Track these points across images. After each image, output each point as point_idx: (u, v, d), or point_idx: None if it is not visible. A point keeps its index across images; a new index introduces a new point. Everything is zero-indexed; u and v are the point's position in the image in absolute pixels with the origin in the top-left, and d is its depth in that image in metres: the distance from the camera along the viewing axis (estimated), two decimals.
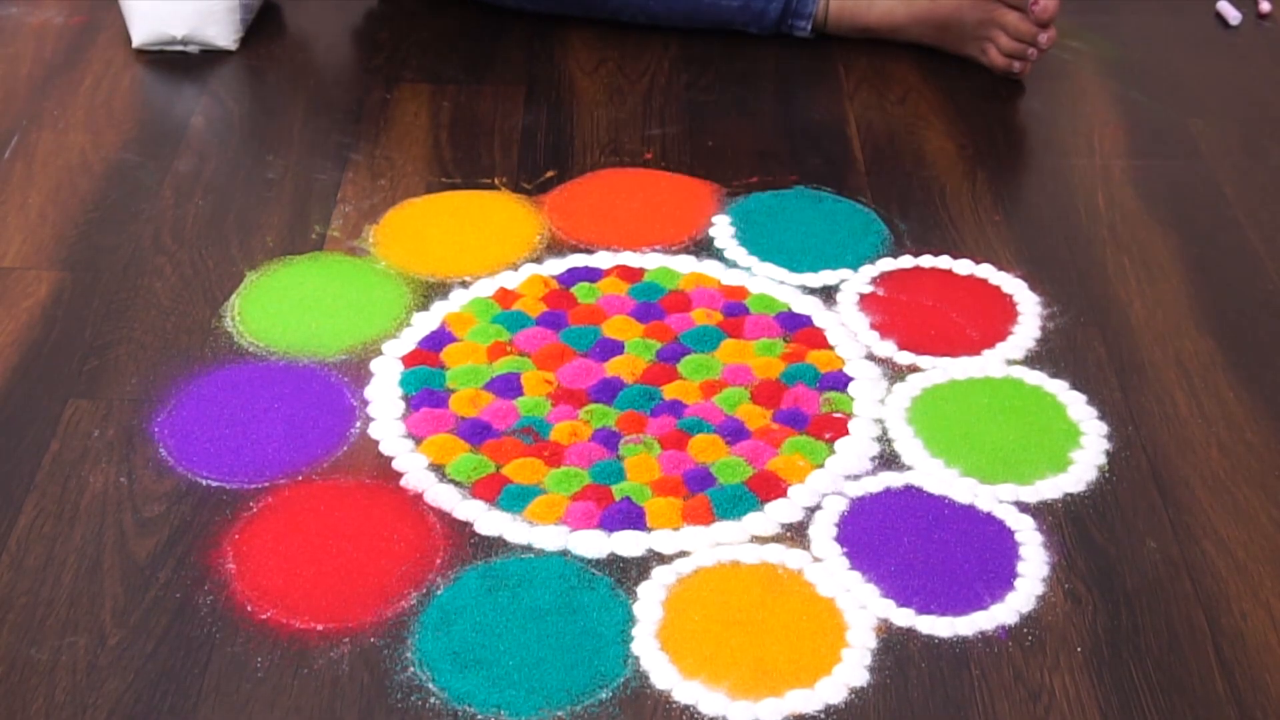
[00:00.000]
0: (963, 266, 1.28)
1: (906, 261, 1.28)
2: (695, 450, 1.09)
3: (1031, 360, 1.18)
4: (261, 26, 1.61)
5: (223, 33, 1.55)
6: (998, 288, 1.25)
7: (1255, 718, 0.91)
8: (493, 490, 1.05)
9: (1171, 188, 1.39)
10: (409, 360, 1.17)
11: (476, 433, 1.10)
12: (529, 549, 1.01)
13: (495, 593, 0.98)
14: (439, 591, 0.98)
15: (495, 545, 1.01)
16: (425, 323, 1.20)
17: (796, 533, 1.03)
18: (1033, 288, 1.25)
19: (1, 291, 1.23)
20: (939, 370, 1.16)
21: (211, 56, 1.56)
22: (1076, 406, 1.13)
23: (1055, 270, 1.28)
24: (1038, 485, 1.06)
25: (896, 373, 1.17)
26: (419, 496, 1.05)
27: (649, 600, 0.97)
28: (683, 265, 1.27)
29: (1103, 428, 1.11)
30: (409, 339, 1.19)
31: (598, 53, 1.58)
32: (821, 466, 1.08)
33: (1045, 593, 0.99)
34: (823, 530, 1.03)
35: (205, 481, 1.06)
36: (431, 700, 0.91)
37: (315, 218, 1.32)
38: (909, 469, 1.08)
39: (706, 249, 1.29)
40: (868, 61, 1.56)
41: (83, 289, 1.23)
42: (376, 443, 1.09)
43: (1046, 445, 1.10)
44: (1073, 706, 0.91)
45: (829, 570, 1.00)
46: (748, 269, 1.27)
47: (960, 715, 0.91)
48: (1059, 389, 1.15)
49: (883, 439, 1.10)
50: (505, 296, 1.23)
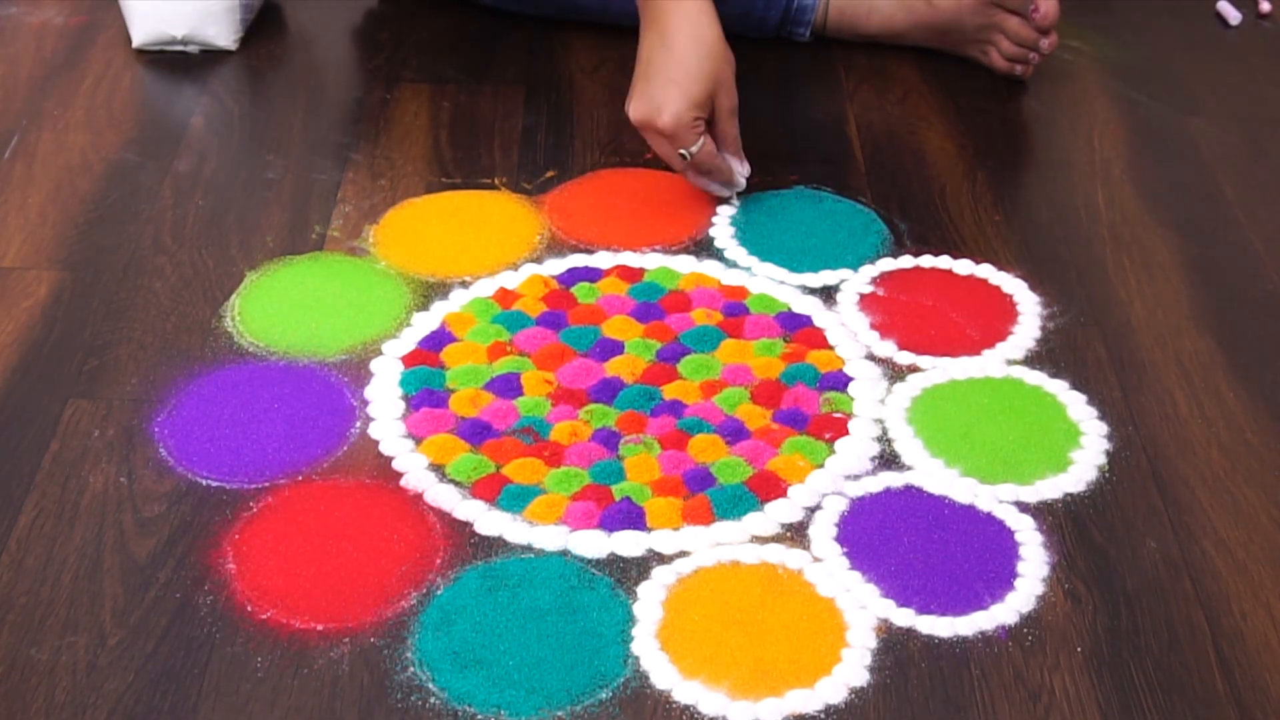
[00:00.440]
0: (963, 266, 1.28)
1: (906, 261, 1.28)
2: (695, 450, 1.09)
3: (1031, 360, 1.18)
4: (262, 26, 1.61)
5: (223, 33, 1.55)
6: (998, 288, 1.25)
7: (1255, 718, 0.91)
8: (493, 490, 1.05)
9: (1171, 188, 1.39)
10: (409, 360, 1.17)
11: (476, 433, 1.10)
12: (529, 549, 1.01)
13: (495, 593, 0.98)
14: (439, 591, 0.98)
15: (495, 545, 1.01)
16: (425, 323, 1.20)
17: (796, 533, 1.03)
18: (1033, 288, 1.25)
19: (1, 291, 1.23)
20: (939, 370, 1.16)
21: (212, 56, 1.56)
22: (1076, 406, 1.13)
23: (1055, 270, 1.28)
24: (1038, 485, 1.06)
25: (896, 373, 1.17)
26: (419, 496, 1.05)
27: (649, 600, 0.97)
28: (683, 265, 1.27)
29: (1103, 428, 1.11)
30: (409, 339, 1.19)
31: (598, 53, 1.58)
32: (821, 466, 1.08)
33: (1045, 593, 0.99)
34: (823, 530, 1.03)
35: (205, 481, 1.06)
36: (431, 700, 0.91)
37: (315, 218, 1.32)
38: (909, 469, 1.08)
39: (706, 249, 1.29)
40: (868, 61, 1.56)
41: (83, 289, 1.23)
42: (376, 443, 1.09)
43: (1046, 445, 1.10)
44: (1073, 706, 0.91)
45: (829, 570, 1.00)
46: (748, 269, 1.27)
47: (960, 715, 0.91)
48: (1059, 389, 1.15)
49: (883, 439, 1.10)
50: (505, 296, 1.23)
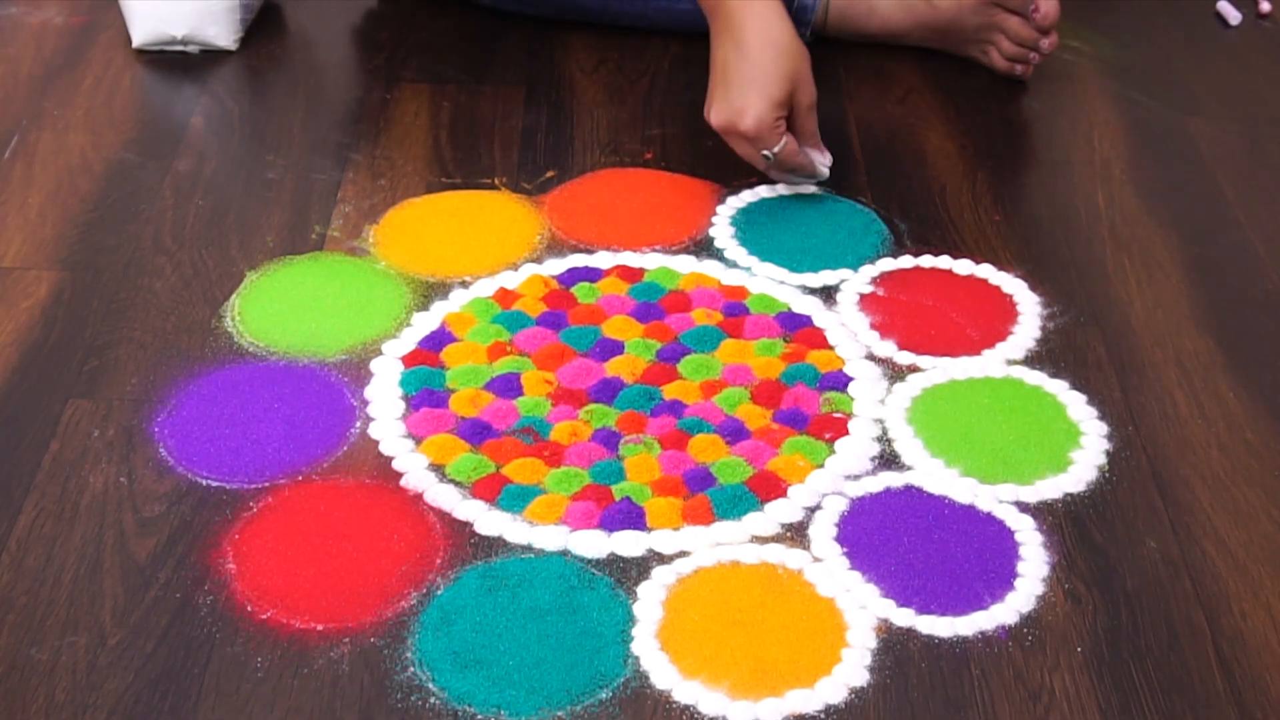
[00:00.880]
0: (963, 266, 1.28)
1: (906, 261, 1.28)
2: (695, 450, 1.09)
3: (1031, 360, 1.18)
4: (262, 26, 1.61)
5: (223, 33, 1.55)
6: (998, 288, 1.25)
7: (1255, 717, 0.91)
8: (493, 490, 1.05)
9: (1171, 188, 1.39)
10: (409, 360, 1.17)
11: (476, 433, 1.10)
12: (529, 549, 1.01)
13: (495, 593, 0.98)
14: (439, 591, 0.98)
15: (495, 545, 1.01)
16: (425, 323, 1.20)
17: (796, 533, 1.03)
18: (1033, 287, 1.25)
19: (1, 291, 1.23)
20: (939, 370, 1.16)
21: (212, 56, 1.56)
22: (1076, 406, 1.13)
23: (1055, 270, 1.28)
24: (1038, 485, 1.06)
25: (896, 373, 1.17)
26: (419, 496, 1.05)
27: (649, 600, 0.97)
28: (683, 265, 1.27)
29: (1103, 428, 1.11)
30: (409, 339, 1.19)
31: (598, 53, 1.58)
32: (821, 466, 1.08)
33: (1045, 593, 0.99)
34: (823, 530, 1.03)
35: (205, 481, 1.06)
36: (431, 700, 0.91)
37: (315, 218, 1.32)
38: (909, 469, 1.08)
39: (706, 249, 1.29)
40: (868, 62, 1.56)
41: (83, 289, 1.23)
42: (376, 443, 1.09)
43: (1046, 445, 1.10)
44: (1073, 706, 0.91)
45: (829, 570, 1.00)
46: (748, 269, 1.27)
47: (960, 715, 0.91)
48: (1059, 389, 1.15)
49: (883, 439, 1.10)
50: (505, 296, 1.23)
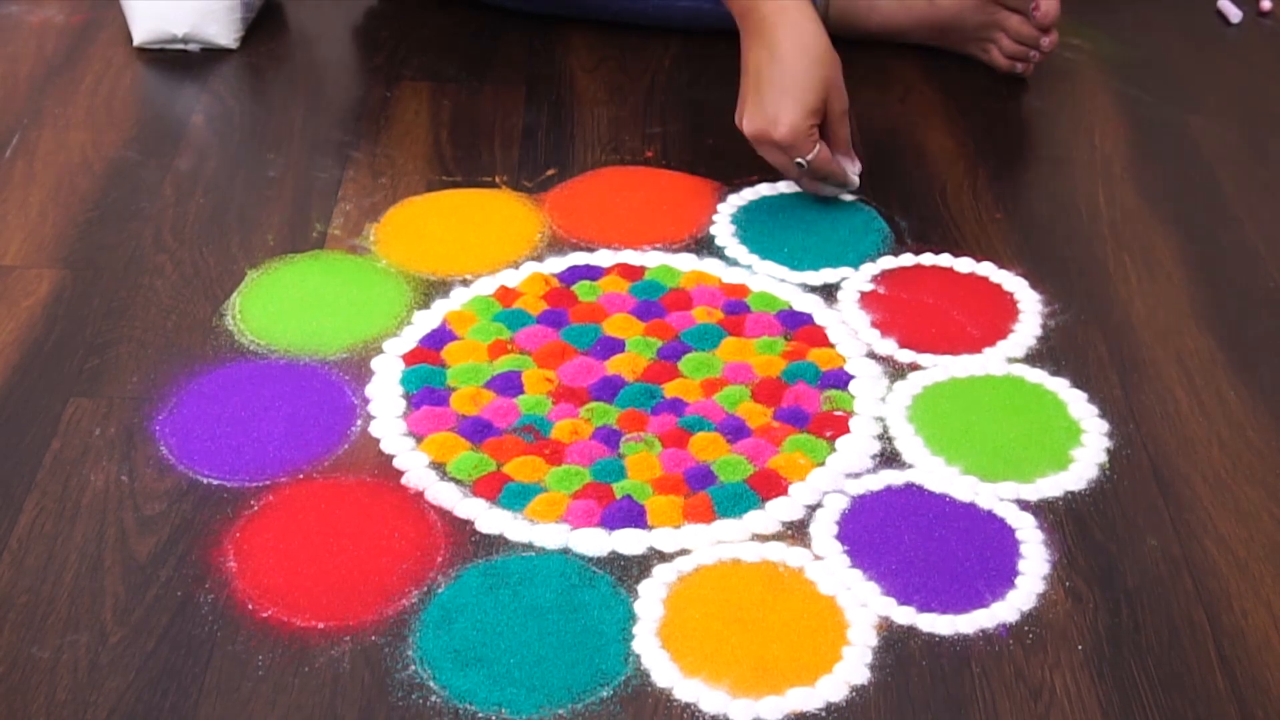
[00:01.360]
0: (963, 264, 1.28)
1: (907, 259, 1.28)
2: (696, 448, 1.09)
3: (1032, 358, 1.18)
4: (262, 25, 1.61)
5: (223, 31, 1.55)
6: (998, 286, 1.25)
7: (1256, 716, 0.91)
8: (493, 488, 1.05)
9: (1172, 186, 1.39)
10: (410, 358, 1.16)
11: (477, 431, 1.10)
12: (530, 547, 1.01)
13: (496, 591, 0.98)
14: (440, 590, 0.98)
15: (496, 543, 1.01)
16: (426, 321, 1.20)
17: (797, 531, 1.03)
18: (1033, 286, 1.25)
19: (2, 290, 1.23)
20: (940, 368, 1.16)
21: (212, 55, 1.56)
22: (1077, 404, 1.13)
23: (1056, 268, 1.27)
24: (1038, 483, 1.06)
25: (897, 371, 1.16)
26: (420, 495, 1.05)
27: (650, 598, 0.97)
28: (683, 263, 1.27)
29: (1104, 426, 1.11)
30: (410, 337, 1.19)
31: (598, 51, 1.58)
32: (822, 464, 1.08)
33: (1046, 590, 0.99)
34: (823, 528, 1.03)
35: (206, 480, 1.06)
36: (432, 698, 0.91)
37: (316, 216, 1.32)
38: (910, 467, 1.08)
39: (707, 247, 1.29)
40: (868, 60, 1.56)
41: (83, 287, 1.23)
42: (377, 441, 1.09)
43: (1047, 443, 1.10)
44: (1074, 704, 0.91)
45: (830, 568, 1.00)
46: (748, 267, 1.27)
47: (961, 713, 0.91)
48: (1060, 387, 1.15)
49: (883, 437, 1.10)
50: (506, 294, 1.23)
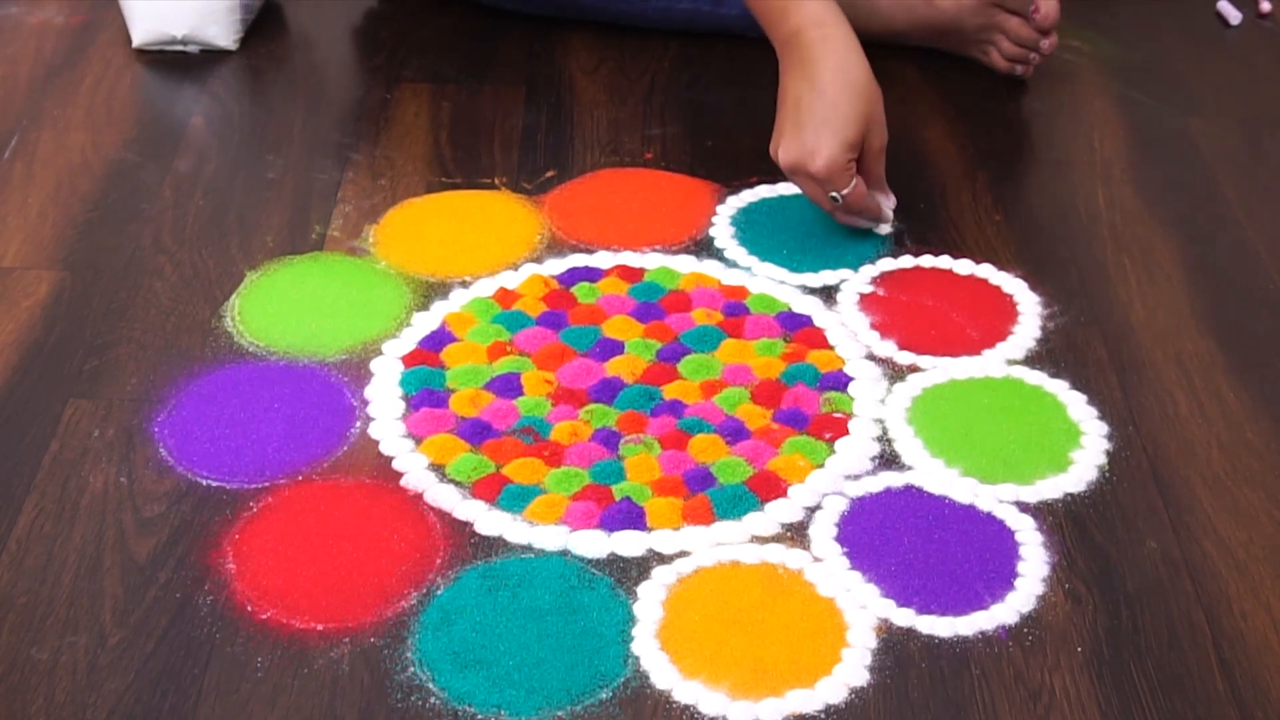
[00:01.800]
0: (963, 266, 1.28)
1: (907, 261, 1.28)
2: (695, 450, 1.09)
3: (1032, 360, 1.18)
4: (262, 26, 1.61)
5: (223, 32, 1.55)
6: (998, 287, 1.25)
7: (1255, 718, 0.91)
8: (493, 490, 1.05)
9: (1172, 188, 1.39)
10: (409, 360, 1.16)
11: (477, 433, 1.10)
12: (529, 549, 1.01)
13: (495, 593, 0.97)
14: (439, 591, 0.98)
15: (495, 545, 1.01)
16: (425, 322, 1.20)
17: (797, 532, 1.03)
18: (1033, 288, 1.25)
19: (1, 291, 1.23)
20: (939, 370, 1.16)
21: (212, 56, 1.56)
22: (1077, 406, 1.13)
23: (1055, 270, 1.27)
24: (1038, 485, 1.06)
25: (897, 372, 1.16)
26: (419, 496, 1.05)
27: (649, 600, 0.97)
28: (683, 265, 1.27)
29: (1103, 428, 1.11)
30: (409, 339, 1.19)
31: (598, 52, 1.58)
32: (822, 466, 1.08)
33: (1045, 593, 0.99)
34: (823, 530, 1.03)
35: (205, 481, 1.06)
36: (432, 700, 0.91)
37: (315, 217, 1.32)
38: (909, 469, 1.08)
39: (707, 249, 1.29)
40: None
41: (83, 289, 1.23)
42: (376, 443, 1.09)
43: (1047, 445, 1.09)
44: (1073, 706, 0.91)
45: (829, 570, 1.00)
46: (748, 269, 1.27)
47: (960, 715, 0.91)
48: (1059, 389, 1.15)
49: (883, 439, 1.10)
50: (505, 296, 1.23)
